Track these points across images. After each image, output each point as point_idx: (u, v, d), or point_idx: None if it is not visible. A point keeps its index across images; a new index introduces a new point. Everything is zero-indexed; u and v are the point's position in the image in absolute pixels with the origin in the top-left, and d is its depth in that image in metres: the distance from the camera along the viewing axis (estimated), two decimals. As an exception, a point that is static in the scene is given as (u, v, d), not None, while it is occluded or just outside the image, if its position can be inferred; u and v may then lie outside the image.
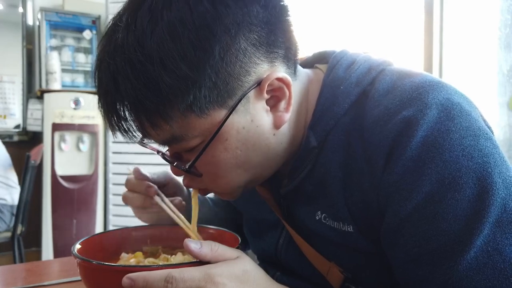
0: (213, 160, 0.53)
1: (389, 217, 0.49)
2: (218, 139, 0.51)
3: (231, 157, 0.53)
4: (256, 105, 0.52)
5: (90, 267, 0.49)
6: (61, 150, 2.84)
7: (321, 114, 0.56)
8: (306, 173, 0.58)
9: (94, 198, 2.86)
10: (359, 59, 0.58)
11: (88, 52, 3.21)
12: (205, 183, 0.57)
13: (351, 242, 0.54)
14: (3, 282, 0.79)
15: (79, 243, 0.57)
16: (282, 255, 0.66)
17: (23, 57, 3.22)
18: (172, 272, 0.43)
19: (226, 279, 0.44)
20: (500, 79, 1.60)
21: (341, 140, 0.54)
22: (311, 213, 0.58)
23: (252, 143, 0.53)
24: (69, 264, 0.89)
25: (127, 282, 0.43)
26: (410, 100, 0.49)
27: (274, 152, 0.56)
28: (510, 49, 1.57)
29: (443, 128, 0.46)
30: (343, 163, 0.54)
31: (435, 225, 0.45)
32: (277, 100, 0.54)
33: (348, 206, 0.53)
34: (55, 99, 2.86)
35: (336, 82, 0.56)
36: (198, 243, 0.46)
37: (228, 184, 0.56)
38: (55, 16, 3.10)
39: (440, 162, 0.45)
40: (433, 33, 1.73)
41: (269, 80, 0.52)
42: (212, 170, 0.54)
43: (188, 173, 0.55)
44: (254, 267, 0.48)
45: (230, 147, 0.52)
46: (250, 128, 0.53)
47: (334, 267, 0.58)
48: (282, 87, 0.53)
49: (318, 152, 0.56)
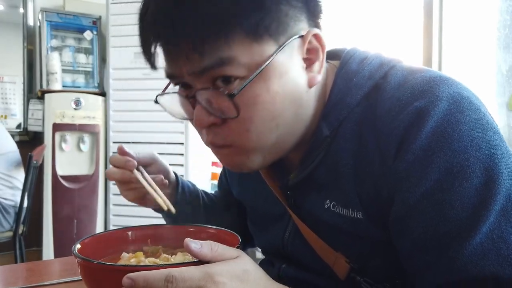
0: (254, 100, 0.52)
1: (397, 203, 0.51)
2: (263, 76, 0.51)
3: (270, 101, 0.52)
4: (296, 56, 0.54)
5: (91, 266, 0.49)
6: (62, 150, 2.84)
7: (334, 104, 0.58)
8: (318, 162, 0.59)
9: (94, 198, 2.87)
10: (371, 55, 0.61)
11: (89, 52, 3.21)
12: (231, 137, 0.55)
13: (360, 229, 0.56)
14: (4, 282, 0.79)
15: (79, 243, 0.57)
16: (289, 247, 0.67)
17: (24, 58, 3.22)
18: (172, 272, 0.43)
19: (226, 279, 0.44)
20: (499, 79, 1.60)
21: (353, 130, 0.56)
22: (320, 202, 0.60)
23: (289, 92, 0.54)
24: (69, 264, 0.89)
25: (128, 281, 0.43)
26: (421, 93, 0.51)
27: (302, 113, 0.57)
28: (509, 49, 1.57)
29: (453, 119, 0.48)
30: (354, 152, 0.55)
31: (443, 212, 0.47)
32: (311, 62, 0.56)
33: (358, 193, 0.55)
34: (56, 99, 2.86)
35: (350, 75, 0.58)
36: (198, 243, 0.46)
37: (257, 138, 0.54)
38: (56, 17, 3.11)
39: (449, 152, 0.47)
40: (432, 34, 1.73)
41: (311, 34, 0.54)
42: (248, 113, 0.52)
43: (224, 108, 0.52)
44: (254, 267, 0.48)
45: (272, 89, 0.52)
46: (290, 76, 0.54)
47: (340, 257, 0.59)
48: (317, 49, 0.55)
49: (331, 141, 0.58)
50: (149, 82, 2.69)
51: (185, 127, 2.64)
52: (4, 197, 2.38)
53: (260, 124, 0.53)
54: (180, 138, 2.66)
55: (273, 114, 0.53)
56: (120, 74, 2.74)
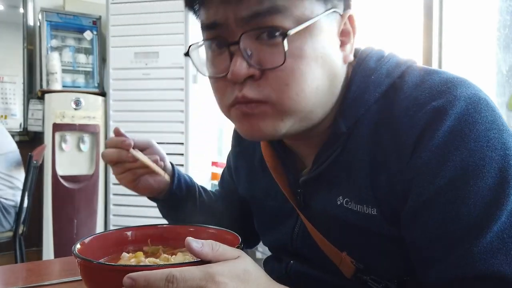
0: (299, 52, 0.52)
1: (411, 199, 0.52)
2: (310, 31, 0.52)
3: (314, 59, 0.53)
4: (335, 31, 0.56)
5: (91, 266, 0.49)
6: (62, 150, 2.85)
7: (352, 101, 0.58)
8: (333, 158, 0.59)
9: (94, 198, 2.87)
10: (388, 54, 0.62)
11: (89, 52, 3.21)
12: (268, 91, 0.53)
13: (373, 225, 0.56)
14: (4, 282, 0.79)
15: (79, 243, 0.57)
16: (298, 244, 0.68)
17: (24, 58, 3.23)
18: (173, 272, 0.43)
19: (227, 279, 0.44)
20: (499, 79, 1.60)
21: (370, 127, 0.57)
22: (332, 198, 0.60)
23: (329, 57, 0.55)
24: (69, 264, 0.89)
25: (128, 281, 0.43)
26: (439, 93, 0.52)
27: (335, 86, 0.58)
28: (509, 49, 1.57)
29: (470, 119, 0.49)
30: (370, 149, 0.56)
31: (455, 209, 0.48)
32: (343, 43, 0.58)
33: (373, 190, 0.55)
34: (56, 99, 2.86)
35: (367, 72, 0.59)
36: (199, 242, 0.46)
37: (296, 96, 0.53)
38: (56, 17, 3.11)
39: (465, 151, 0.48)
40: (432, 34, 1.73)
41: (349, 15, 0.57)
42: (292, 65, 0.52)
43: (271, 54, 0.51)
44: (255, 267, 0.48)
45: (316, 48, 0.53)
46: (331, 42, 0.55)
47: (346, 258, 0.59)
48: (349, 32, 0.58)
49: (347, 138, 0.58)
50: (149, 82, 2.69)
51: (185, 127, 2.65)
52: (5, 197, 2.38)
53: (302, 80, 0.53)
54: (180, 138, 2.66)
55: (314, 74, 0.53)
56: (120, 74, 2.74)
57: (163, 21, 2.66)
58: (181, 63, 2.65)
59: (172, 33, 2.65)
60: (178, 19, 2.64)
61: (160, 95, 2.68)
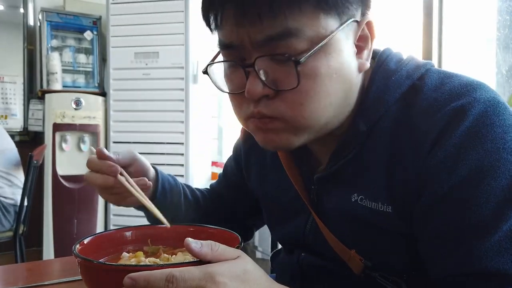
0: (314, 72, 0.52)
1: (425, 195, 0.53)
2: (324, 50, 0.52)
3: (328, 76, 0.53)
4: (350, 41, 0.56)
5: (91, 266, 0.49)
6: (62, 150, 2.85)
7: (372, 101, 0.59)
8: (351, 156, 0.60)
9: (95, 198, 2.87)
10: (407, 56, 0.63)
11: (89, 52, 3.21)
12: (282, 110, 0.54)
13: (386, 222, 0.57)
14: (5, 282, 0.79)
15: (80, 243, 0.57)
16: (310, 239, 0.69)
17: (24, 58, 3.23)
18: (173, 272, 0.43)
19: (227, 279, 0.44)
20: (499, 79, 1.60)
21: (389, 127, 0.58)
22: (346, 195, 0.61)
23: (344, 72, 0.55)
24: (70, 264, 0.90)
25: (129, 282, 0.43)
26: (459, 95, 0.53)
27: (350, 97, 0.58)
28: (509, 49, 1.57)
29: (488, 121, 0.51)
30: (388, 148, 0.57)
31: (468, 207, 0.49)
32: (361, 49, 0.58)
33: (389, 188, 0.57)
34: (56, 99, 2.86)
35: (388, 73, 0.60)
36: (198, 243, 0.47)
37: (310, 114, 0.54)
38: (56, 17, 3.11)
39: (482, 151, 0.50)
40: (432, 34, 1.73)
41: (366, 21, 0.57)
42: (307, 86, 0.53)
43: (285, 77, 0.52)
44: (254, 267, 0.48)
45: (331, 65, 0.53)
46: (345, 56, 0.55)
47: (355, 255, 0.61)
48: (367, 37, 0.58)
49: (366, 137, 0.59)
50: (149, 82, 2.69)
51: (185, 127, 2.65)
52: (4, 195, 2.38)
53: (316, 99, 0.54)
54: (180, 138, 2.66)
55: (329, 91, 0.54)
56: (120, 74, 2.74)
57: (163, 21, 2.66)
58: (181, 63, 2.65)
59: (172, 33, 2.65)
60: (178, 19, 2.64)
61: (160, 95, 2.68)
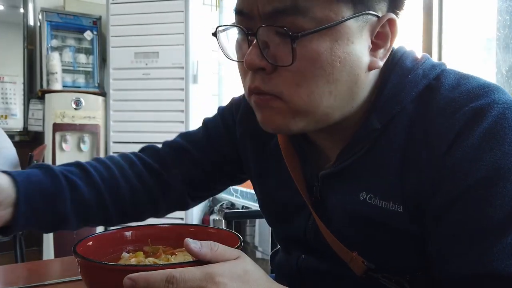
0: (313, 54, 0.51)
1: (440, 195, 0.52)
2: (330, 34, 0.51)
3: (329, 64, 0.52)
4: (366, 34, 0.54)
5: (91, 266, 0.49)
6: (62, 150, 2.85)
7: (388, 98, 0.58)
8: (363, 153, 0.59)
9: (95, 198, 2.87)
10: (422, 55, 0.61)
11: (89, 52, 3.22)
12: (280, 88, 0.53)
13: (396, 222, 0.57)
14: (5, 281, 0.79)
15: (80, 243, 0.57)
16: (312, 239, 0.67)
17: (24, 58, 3.23)
18: (173, 272, 0.43)
19: (227, 279, 0.44)
20: (498, 79, 1.60)
21: (404, 125, 0.57)
22: (354, 193, 0.60)
23: (350, 64, 0.53)
24: (70, 264, 0.90)
25: (128, 282, 0.43)
26: (477, 96, 0.53)
27: (357, 93, 0.56)
28: (509, 49, 1.57)
29: (506, 123, 0.50)
30: (403, 146, 0.56)
31: (482, 208, 0.49)
32: (377, 47, 0.56)
33: (401, 187, 0.56)
34: (56, 99, 2.87)
35: (404, 71, 0.59)
36: (198, 243, 0.46)
37: (308, 98, 0.53)
38: (56, 17, 3.11)
39: (499, 153, 0.49)
40: (432, 33, 1.73)
41: (387, 18, 0.54)
42: (303, 66, 0.52)
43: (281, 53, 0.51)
44: (254, 267, 0.48)
45: (335, 52, 0.52)
46: (356, 48, 0.53)
47: (357, 257, 0.60)
48: (387, 36, 0.55)
49: (380, 134, 0.58)
50: (149, 82, 2.69)
51: (185, 127, 2.65)
52: None
53: (313, 83, 0.52)
54: (180, 138, 2.66)
55: (328, 78, 0.52)
56: (120, 74, 2.75)
57: (163, 21, 2.66)
58: (181, 63, 2.65)
59: (172, 33, 2.66)
60: (178, 19, 2.64)
61: (160, 95, 2.68)
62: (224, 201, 2.84)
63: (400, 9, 0.57)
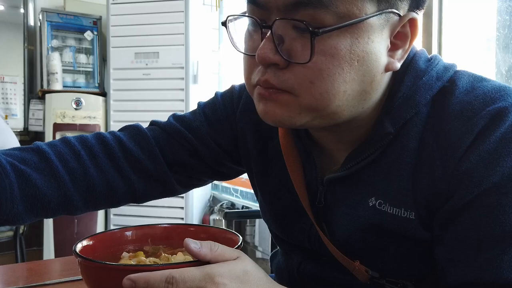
0: (333, 51, 0.48)
1: (453, 200, 0.51)
2: (351, 31, 0.48)
3: (348, 61, 0.49)
4: (386, 34, 0.51)
5: (91, 266, 0.49)
6: (63, 150, 2.85)
7: (402, 101, 0.55)
8: (373, 158, 0.57)
9: (95, 198, 2.87)
10: (434, 56, 0.60)
11: (89, 52, 3.22)
12: (292, 84, 0.50)
13: (407, 229, 0.55)
14: (5, 281, 0.79)
15: (80, 242, 0.57)
16: (315, 244, 0.65)
17: (25, 58, 3.22)
18: (173, 273, 0.43)
19: (227, 280, 0.44)
20: (498, 79, 1.60)
21: (418, 129, 0.55)
22: (362, 199, 0.58)
23: (368, 63, 0.50)
24: (70, 264, 0.90)
25: (128, 283, 0.43)
26: (493, 100, 0.52)
27: (370, 93, 0.53)
28: (509, 50, 1.57)
29: None
30: (416, 151, 0.55)
31: (494, 215, 0.48)
32: (396, 47, 0.53)
33: (414, 193, 0.54)
34: (57, 99, 2.87)
35: (419, 73, 0.56)
36: (197, 243, 0.47)
37: (320, 96, 0.50)
38: (56, 17, 3.11)
39: None
40: (432, 34, 1.73)
41: (409, 17, 0.51)
42: (321, 64, 0.49)
43: (298, 48, 0.49)
44: (254, 268, 0.48)
45: (355, 50, 0.49)
46: (375, 48, 0.50)
47: (360, 267, 0.59)
48: (407, 36, 0.53)
49: (393, 139, 0.56)
50: (149, 82, 2.69)
51: (185, 127, 2.65)
52: None
53: (329, 81, 0.49)
54: (181, 138, 2.66)
55: (345, 77, 0.50)
56: (120, 74, 2.75)
57: (163, 21, 2.66)
58: (181, 63, 2.65)
59: (172, 33, 2.65)
60: (178, 20, 2.64)
61: (160, 95, 2.68)
62: (224, 201, 2.84)
63: (421, 9, 0.54)
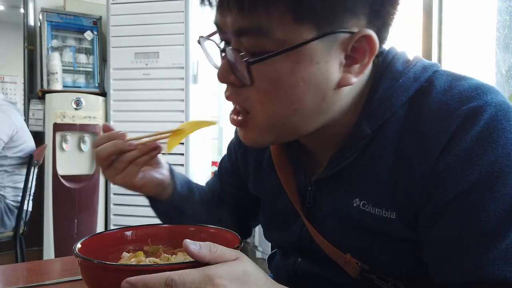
0: (275, 76, 0.51)
1: (433, 200, 0.52)
2: (291, 57, 0.50)
3: (292, 85, 0.52)
4: (337, 52, 0.52)
5: (91, 266, 0.49)
6: (63, 150, 2.85)
7: (378, 104, 0.57)
8: (353, 159, 0.58)
9: (95, 198, 2.87)
10: (414, 57, 0.60)
11: (89, 52, 3.22)
12: (249, 103, 0.55)
13: (390, 228, 0.56)
14: (5, 281, 0.79)
15: (80, 243, 0.57)
16: (307, 244, 0.67)
17: (25, 58, 3.23)
18: (172, 275, 0.43)
19: (226, 281, 0.44)
20: (498, 79, 1.60)
21: (395, 131, 0.56)
22: (347, 199, 0.60)
23: (315, 83, 0.52)
24: (70, 264, 0.90)
25: (127, 286, 0.43)
26: (469, 98, 0.52)
27: (326, 107, 0.55)
28: (509, 49, 1.57)
29: (499, 126, 0.49)
30: (394, 152, 0.56)
31: (475, 213, 0.48)
32: (352, 62, 0.53)
33: (394, 193, 0.55)
34: (57, 99, 2.87)
35: (395, 75, 0.58)
36: (197, 244, 0.46)
37: (272, 115, 0.54)
38: (57, 17, 3.11)
39: (492, 156, 0.48)
40: (432, 34, 1.73)
41: (362, 35, 0.51)
42: (265, 87, 0.52)
43: (242, 73, 0.52)
44: (254, 268, 0.48)
45: (297, 73, 0.51)
46: (321, 68, 0.51)
47: (350, 259, 0.59)
48: (365, 51, 0.53)
49: (371, 140, 0.57)
50: (149, 82, 2.70)
51: (185, 127, 2.65)
52: (10, 198, 2.39)
53: (276, 102, 0.53)
54: (181, 138, 2.66)
55: (292, 98, 0.52)
56: (121, 74, 2.75)
57: (163, 21, 2.66)
58: (181, 63, 2.65)
59: (172, 33, 2.66)
60: (178, 20, 2.64)
61: (160, 95, 2.68)
62: (224, 201, 2.83)
63: (382, 23, 0.54)
